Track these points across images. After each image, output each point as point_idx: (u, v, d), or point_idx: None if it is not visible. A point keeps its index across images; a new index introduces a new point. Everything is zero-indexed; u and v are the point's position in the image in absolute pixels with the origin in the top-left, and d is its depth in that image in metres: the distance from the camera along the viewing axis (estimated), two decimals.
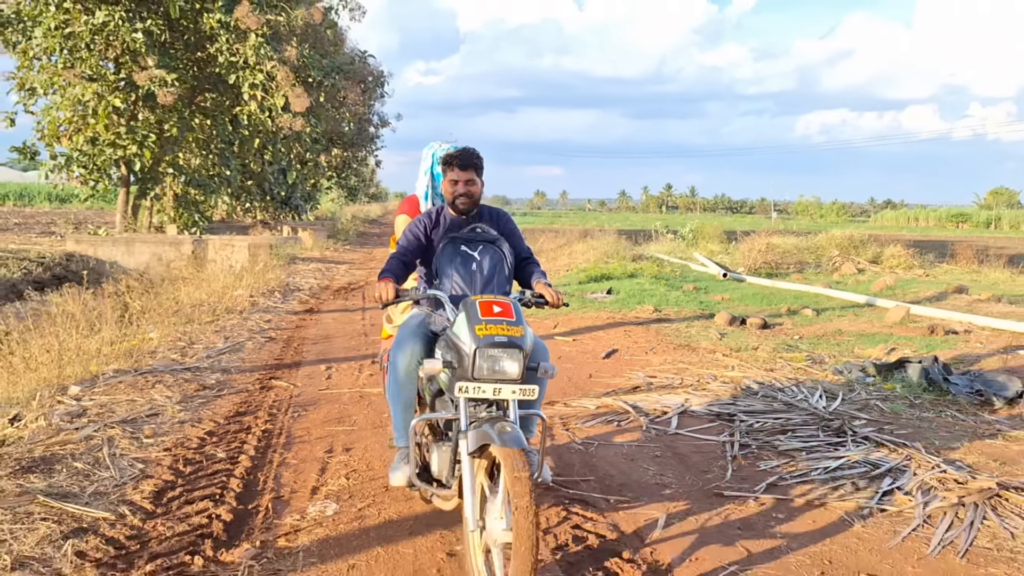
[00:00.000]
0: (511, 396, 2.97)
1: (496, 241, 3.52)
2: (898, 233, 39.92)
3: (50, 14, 20.00)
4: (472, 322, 2.98)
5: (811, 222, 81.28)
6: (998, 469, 4.48)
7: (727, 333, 8.84)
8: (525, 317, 3.14)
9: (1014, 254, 22.23)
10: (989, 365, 7.26)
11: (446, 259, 3.45)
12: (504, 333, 2.95)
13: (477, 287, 3.39)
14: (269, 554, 3.39)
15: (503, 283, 3.47)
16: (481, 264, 3.44)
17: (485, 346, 2.92)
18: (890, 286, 13.43)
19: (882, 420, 5.46)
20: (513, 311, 3.05)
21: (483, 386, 2.95)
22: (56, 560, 3.24)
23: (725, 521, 3.81)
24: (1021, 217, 76.40)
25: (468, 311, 3.05)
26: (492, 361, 2.95)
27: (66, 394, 5.73)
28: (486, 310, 3.02)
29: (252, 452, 4.71)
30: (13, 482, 3.95)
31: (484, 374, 2.95)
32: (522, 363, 2.95)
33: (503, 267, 3.48)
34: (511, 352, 2.94)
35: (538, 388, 3.03)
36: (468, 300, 3.11)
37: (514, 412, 3.01)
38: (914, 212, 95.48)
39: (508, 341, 2.94)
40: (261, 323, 9.43)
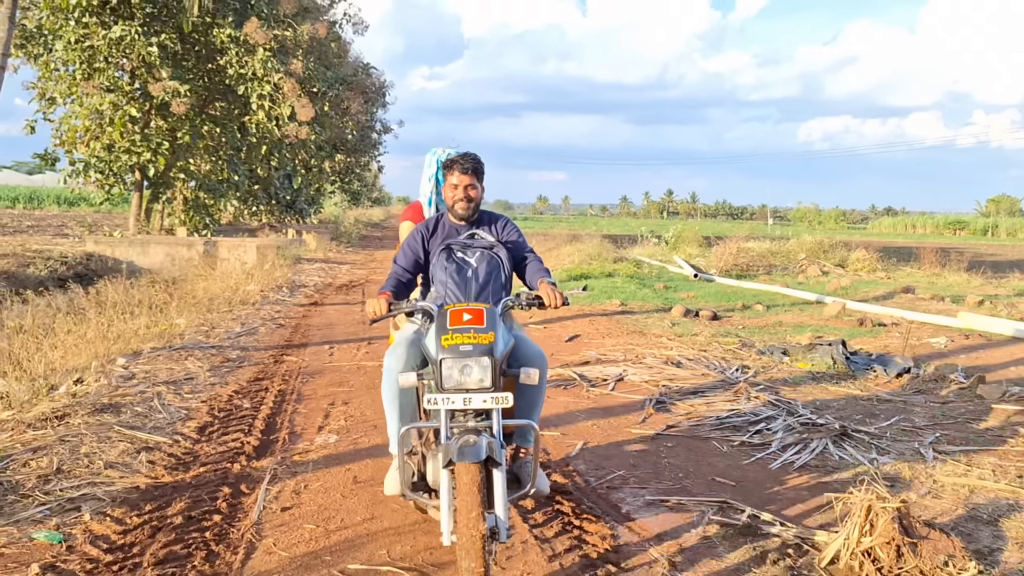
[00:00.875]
0: (483, 405, 2.92)
1: (493, 247, 3.51)
2: (890, 240, 41.21)
3: (70, 28, 21.28)
4: (439, 332, 2.99)
5: (809, 229, 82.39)
6: (852, 418, 5.72)
7: (679, 323, 10.10)
8: (521, 320, 3.14)
9: (979, 259, 23.47)
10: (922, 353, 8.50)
11: (440, 267, 3.45)
12: (470, 341, 2.93)
13: (471, 295, 3.39)
14: (288, 463, 4.64)
15: (499, 289, 3.45)
16: (477, 271, 3.43)
17: (449, 356, 2.92)
18: (844, 286, 14.67)
19: (781, 385, 6.70)
20: (485, 318, 3.02)
21: (452, 397, 2.91)
22: (134, 465, 4.50)
23: (625, 444, 5.06)
24: (1018, 225, 77.38)
25: (437, 321, 3.05)
26: (459, 371, 2.93)
27: (115, 364, 6.99)
28: (455, 319, 3.01)
29: (271, 404, 5.97)
30: (92, 418, 5.21)
31: (453, 384, 2.93)
32: (492, 370, 2.92)
33: (499, 273, 3.47)
34: (478, 360, 2.91)
35: (511, 395, 2.96)
36: (440, 310, 3.10)
37: (496, 422, 2.94)
38: (911, 219, 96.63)
39: (473, 349, 2.91)
40: (272, 313, 10.71)
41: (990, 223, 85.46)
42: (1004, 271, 19.54)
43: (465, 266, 3.44)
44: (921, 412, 5.98)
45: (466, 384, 2.93)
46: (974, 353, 8.56)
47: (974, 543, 3.59)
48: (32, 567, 3.22)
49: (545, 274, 3.55)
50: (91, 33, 21.17)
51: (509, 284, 3.55)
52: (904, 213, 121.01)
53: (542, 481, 3.43)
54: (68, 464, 4.39)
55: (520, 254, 3.67)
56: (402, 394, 3.33)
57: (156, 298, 10.66)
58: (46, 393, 5.72)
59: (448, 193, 3.62)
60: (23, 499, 3.90)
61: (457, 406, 2.92)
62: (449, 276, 3.42)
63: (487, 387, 2.92)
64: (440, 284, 3.44)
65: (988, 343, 9.23)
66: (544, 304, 3.32)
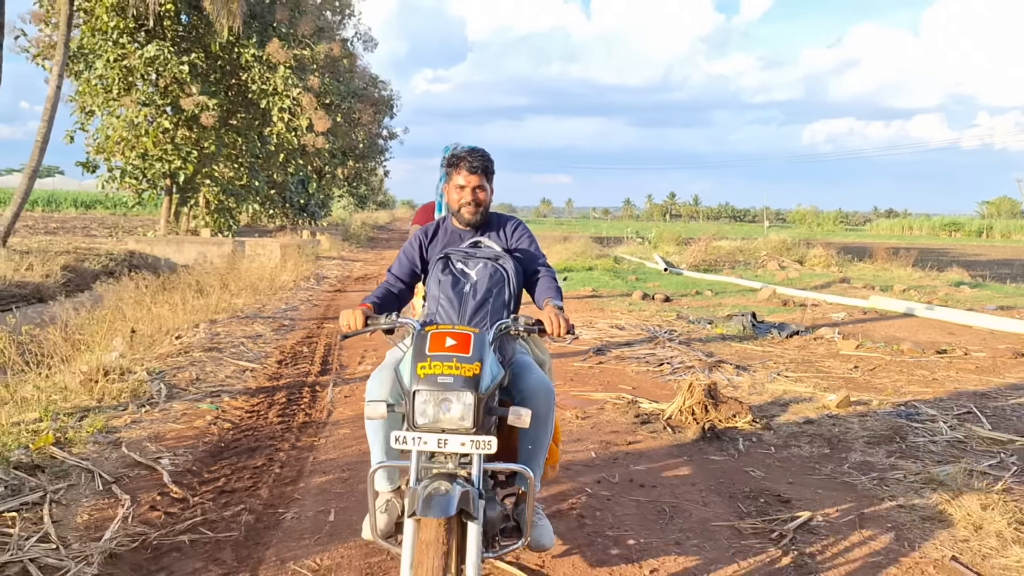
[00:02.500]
0: (460, 449, 2.51)
1: (498, 258, 3.04)
2: (883, 241, 43.39)
3: (109, 48, 23.72)
4: (416, 359, 2.58)
5: (808, 230, 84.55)
6: (735, 359, 8.07)
7: (635, 304, 12.48)
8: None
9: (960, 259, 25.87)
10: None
11: (434, 279, 3.04)
12: (450, 372, 2.52)
13: (467, 312, 2.95)
14: (342, 378, 7.03)
15: (500, 308, 2.98)
16: (476, 285, 2.98)
17: (424, 387, 2.52)
18: (792, 278, 17.03)
19: (697, 342, 9.06)
20: (472, 344, 2.60)
21: (425, 437, 2.51)
22: (243, 378, 6.89)
23: (568, 370, 7.42)
24: (1013, 227, 79.30)
25: (416, 344, 2.65)
26: (435, 405, 2.52)
27: (199, 328, 9.37)
28: (436, 344, 2.60)
29: (321, 351, 8.36)
30: (205, 354, 7.61)
31: (427, 421, 2.53)
32: (475, 408, 2.50)
33: (503, 289, 3.00)
34: (459, 395, 2.50)
35: (494, 440, 2.52)
36: (420, 331, 2.70)
37: (477, 467, 2.55)
38: (908, 221, 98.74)
39: (454, 381, 2.50)
40: (306, 297, 13.12)
41: (985, 225, 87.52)
42: (975, 269, 21.81)
43: (463, 279, 3.00)
44: (788, 356, 8.34)
45: (443, 422, 2.51)
46: (863, 324, 10.90)
47: (764, 413, 5.95)
48: (207, 416, 5.61)
49: (555, 295, 3.09)
50: (128, 53, 23.61)
51: (514, 302, 3.05)
52: (907, 215, 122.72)
53: (543, 533, 2.99)
54: (202, 376, 6.79)
55: (532, 267, 3.20)
56: (387, 424, 2.88)
57: (212, 285, 13.03)
58: (165, 341, 8.12)
59: (453, 195, 3.21)
60: (184, 391, 6.29)
61: (430, 448, 2.51)
62: (442, 290, 2.98)
63: (467, 427, 2.50)
64: (432, 299, 3.02)
65: (881, 317, 11.58)
66: (545, 331, 2.84)
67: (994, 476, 4.53)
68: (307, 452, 4.94)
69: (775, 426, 5.63)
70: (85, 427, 5.06)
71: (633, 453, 5.01)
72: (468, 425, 2.50)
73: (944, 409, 6.15)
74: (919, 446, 5.16)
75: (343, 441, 5.16)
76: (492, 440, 2.51)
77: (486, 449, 2.50)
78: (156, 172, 24.93)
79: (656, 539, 3.69)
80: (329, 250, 26.41)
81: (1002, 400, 6.55)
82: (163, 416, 5.58)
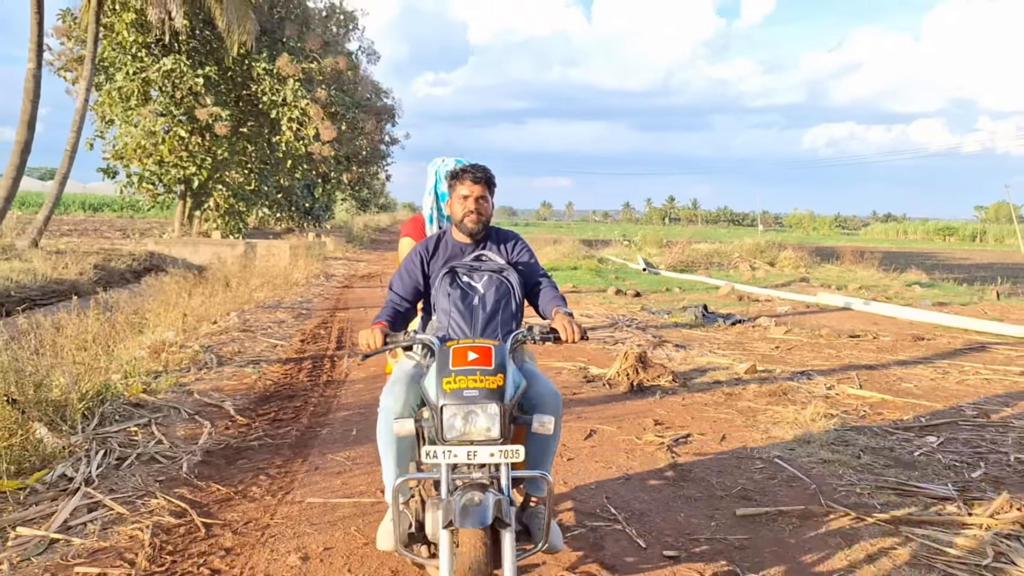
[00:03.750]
0: (489, 460, 2.60)
1: (503, 271, 3.13)
2: (875, 245, 44.96)
3: (128, 62, 25.37)
4: (440, 374, 2.67)
5: (803, 234, 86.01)
6: (679, 340, 9.71)
7: (609, 298, 14.14)
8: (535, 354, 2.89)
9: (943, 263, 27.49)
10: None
11: (443, 293, 3.08)
12: (476, 385, 2.60)
13: (478, 325, 3.01)
14: (354, 352, 8.69)
15: (508, 319, 3.06)
16: (484, 298, 3.05)
17: (452, 402, 2.60)
18: (758, 277, 18.69)
19: (653, 328, 10.71)
20: (494, 357, 2.69)
21: (455, 450, 2.59)
22: (275, 351, 8.56)
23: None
24: (1007, 231, 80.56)
25: (439, 360, 2.72)
26: (463, 419, 2.61)
27: (231, 316, 11.03)
28: (459, 358, 2.68)
29: (336, 333, 10.03)
30: (241, 333, 9.28)
31: (456, 434, 2.62)
32: (501, 419, 2.60)
33: (510, 300, 3.08)
34: (485, 407, 2.60)
35: (522, 448, 2.63)
36: (442, 347, 2.78)
37: (505, 476, 2.64)
38: (904, 226, 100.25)
39: (479, 394, 2.60)
40: (318, 291, 14.80)
41: (979, 229, 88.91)
42: (954, 273, 23.44)
43: (471, 292, 3.08)
44: (725, 339, 10.00)
45: (471, 435, 2.63)
46: (802, 316, 12.56)
47: (685, 376, 7.60)
48: (252, 376, 7.27)
49: (561, 302, 3.21)
50: (146, 66, 25.28)
51: (520, 313, 3.16)
52: (905, 219, 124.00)
53: (556, 536, 3.03)
54: (242, 349, 8.46)
55: (533, 278, 3.33)
56: (400, 437, 2.96)
57: (235, 281, 14.70)
58: (205, 325, 9.79)
59: (456, 206, 3.30)
60: (230, 360, 7.95)
61: (460, 460, 2.62)
62: (453, 304, 3.05)
63: (495, 438, 2.63)
64: (443, 313, 3.09)
65: (821, 311, 13.23)
66: (560, 339, 3.00)
67: (839, 416, 6.19)
68: (332, 398, 6.61)
69: (690, 385, 7.30)
70: (162, 382, 6.72)
71: (576, 400, 6.68)
72: (495, 435, 2.60)
73: (831, 375, 7.81)
74: (797, 399, 6.82)
75: (358, 392, 6.83)
76: (520, 449, 2.61)
77: (514, 458, 2.60)
78: (172, 178, 26.60)
79: (577, 447, 5.36)
80: (334, 251, 28.08)
81: (882, 370, 8.21)
82: (218, 376, 7.25)
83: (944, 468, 5.00)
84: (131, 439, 5.16)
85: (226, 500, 4.25)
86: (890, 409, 6.55)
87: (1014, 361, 8.86)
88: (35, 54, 17.83)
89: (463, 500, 2.52)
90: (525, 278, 3.26)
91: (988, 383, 7.68)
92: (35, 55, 17.83)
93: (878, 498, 4.42)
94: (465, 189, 3.27)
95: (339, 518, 4.03)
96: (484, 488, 2.59)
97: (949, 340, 10.19)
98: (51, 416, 5.09)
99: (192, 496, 4.26)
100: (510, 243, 3.41)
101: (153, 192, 27.82)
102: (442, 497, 2.62)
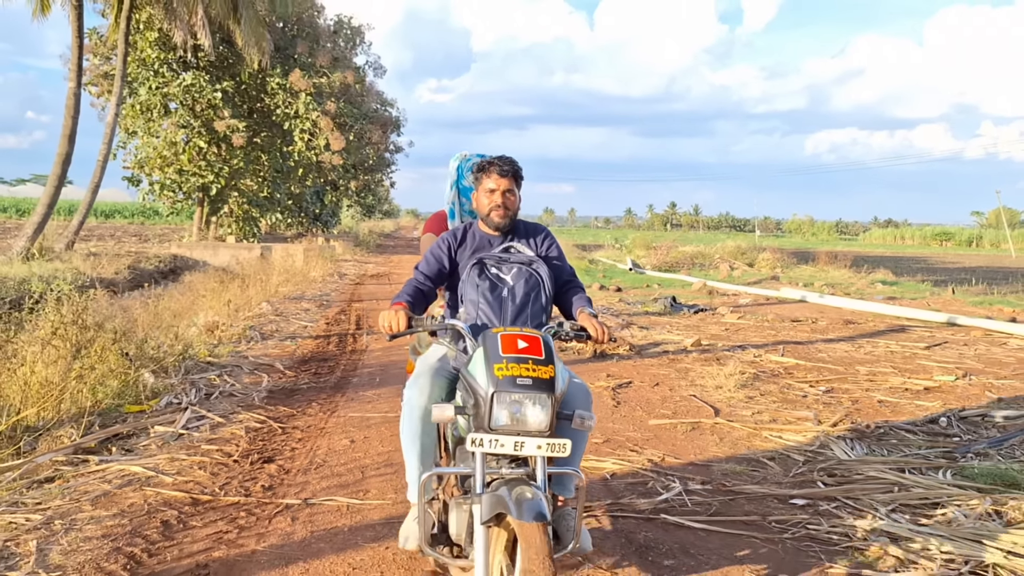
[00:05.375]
0: (536, 452, 2.50)
1: (532, 263, 3.05)
2: (870, 250, 46.73)
3: (150, 77, 27.18)
4: (491, 360, 2.56)
5: (802, 239, 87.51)
6: (646, 324, 11.45)
7: (592, 292, 15.89)
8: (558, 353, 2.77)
9: (929, 267, 29.19)
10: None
11: (471, 284, 3.00)
12: (529, 374, 2.51)
13: (507, 317, 2.94)
14: (371, 332, 10.46)
15: (538, 312, 2.98)
16: (513, 290, 2.97)
17: (504, 389, 2.50)
18: (734, 276, 20.43)
19: (626, 316, 12.46)
20: (543, 347, 2.60)
21: (502, 439, 2.49)
22: (306, 330, 10.34)
23: None
24: (1003, 237, 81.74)
25: (487, 346, 2.62)
26: (513, 408, 2.52)
27: (263, 305, 12.80)
28: (508, 345, 2.59)
29: (355, 319, 11.81)
30: (276, 316, 11.07)
31: (503, 424, 2.52)
32: (551, 411, 2.51)
33: (539, 294, 3.00)
34: (537, 397, 2.51)
35: (570, 443, 2.53)
36: (488, 332, 2.68)
37: (541, 471, 2.55)
38: (901, 231, 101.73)
39: (533, 384, 2.51)
40: (334, 287, 16.60)
41: (975, 234, 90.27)
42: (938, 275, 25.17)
43: (500, 284, 2.99)
44: (684, 323, 11.74)
45: (521, 426, 2.52)
46: (760, 307, 14.30)
47: (641, 348, 9.34)
48: (291, 347, 9.05)
49: (588, 304, 3.14)
50: (168, 81, 27.10)
51: (550, 306, 3.07)
52: (907, 225, 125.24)
53: (585, 538, 2.90)
54: (278, 328, 10.24)
55: (562, 276, 3.25)
56: (424, 432, 2.95)
57: (261, 278, 16.49)
58: (242, 312, 11.58)
59: (483, 199, 3.23)
60: (271, 336, 9.72)
61: (507, 451, 2.50)
62: (481, 295, 2.96)
63: (543, 430, 2.51)
64: (471, 304, 2.99)
65: (779, 303, 14.98)
66: (591, 337, 2.95)
67: (754, 373, 7.94)
68: (357, 361, 8.39)
69: (643, 353, 9.06)
70: (221, 350, 8.48)
71: None
72: (544, 428, 2.51)
73: (763, 348, 9.56)
74: (728, 364, 8.56)
75: (378, 357, 8.61)
76: (567, 443, 2.51)
77: (560, 452, 2.51)
78: (191, 186, 28.41)
79: None
80: (343, 254, 29.87)
81: (808, 345, 9.95)
82: (264, 347, 9.02)
83: (816, 403, 6.76)
84: (211, 384, 6.93)
85: (291, 416, 6.03)
86: (800, 371, 8.29)
87: (924, 339, 10.60)
88: (75, 74, 19.63)
89: (515, 494, 2.43)
90: (555, 274, 3.16)
91: (891, 353, 9.42)
92: (75, 75, 19.63)
93: (758, 418, 6.18)
94: (492, 182, 3.20)
95: (371, 423, 5.82)
96: (526, 483, 2.53)
97: (876, 324, 11.93)
98: (152, 367, 6.87)
99: (266, 414, 6.03)
100: (539, 236, 3.35)
101: (173, 199, 29.70)
102: (477, 490, 2.55)
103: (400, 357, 8.49)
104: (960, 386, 7.58)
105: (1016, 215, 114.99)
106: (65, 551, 3.53)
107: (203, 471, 4.68)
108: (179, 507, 4.11)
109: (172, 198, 29.66)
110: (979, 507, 4.12)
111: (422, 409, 2.95)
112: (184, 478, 4.54)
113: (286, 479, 4.60)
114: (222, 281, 14.13)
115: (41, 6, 20.08)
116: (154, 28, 25.93)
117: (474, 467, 2.58)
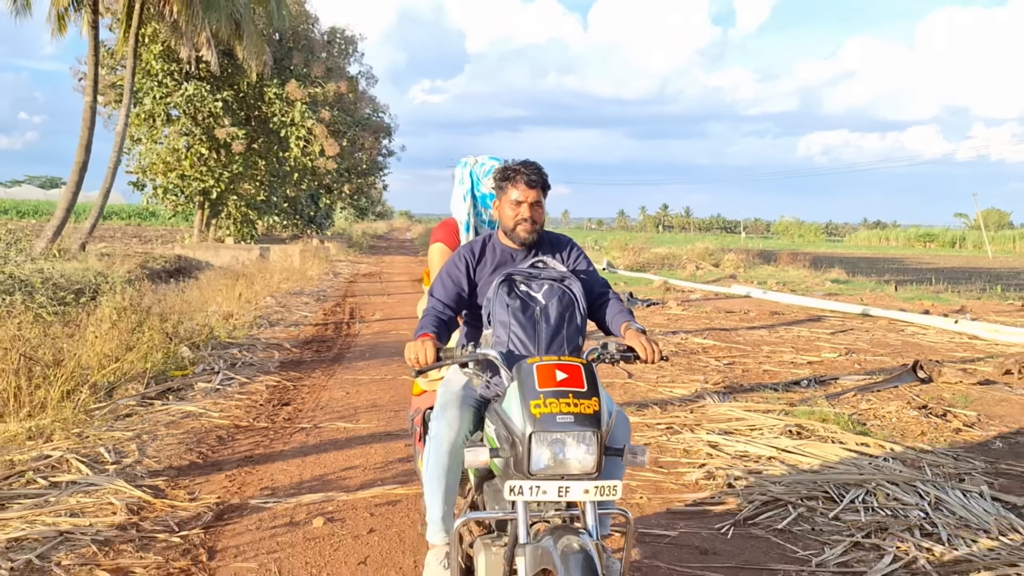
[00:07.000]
0: (584, 497, 2.29)
1: (564, 279, 2.79)
2: (856, 251, 48.70)
3: (155, 88, 28.85)
4: (527, 396, 2.33)
5: (789, 241, 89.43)
6: None
7: None
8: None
9: (903, 268, 31.09)
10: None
11: (500, 303, 2.71)
12: (570, 410, 2.28)
13: (542, 340, 2.68)
14: (364, 321, 12.27)
15: (574, 335, 2.74)
16: (546, 309, 2.70)
17: (543, 429, 2.27)
18: (695, 275, 22.28)
19: None
20: (584, 378, 2.37)
21: (544, 485, 2.27)
22: (308, 318, 12.15)
23: None
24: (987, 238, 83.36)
25: (521, 380, 2.39)
26: (555, 448, 2.28)
27: (267, 299, 14.57)
28: (545, 378, 2.35)
29: (348, 310, 13.61)
30: (280, 306, 12.86)
31: (544, 467, 2.29)
32: (598, 450, 2.28)
33: (574, 313, 2.75)
34: (581, 435, 2.28)
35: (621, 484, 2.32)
36: (523, 364, 2.44)
37: (592, 516, 2.35)
38: (887, 233, 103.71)
39: (575, 420, 2.28)
40: (329, 284, 18.40)
41: (958, 236, 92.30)
42: (905, 276, 27.08)
43: (531, 303, 2.71)
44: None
45: (563, 468, 2.29)
46: (707, 301, 16.12)
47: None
48: (295, 331, 10.85)
49: (630, 317, 2.90)
50: (171, 91, 28.79)
51: (585, 327, 2.82)
52: (896, 226, 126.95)
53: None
54: (283, 317, 12.03)
55: (595, 290, 2.98)
56: (450, 470, 2.74)
57: (263, 276, 18.27)
58: (251, 305, 13.36)
59: (507, 211, 2.92)
60: (278, 323, 11.50)
61: (550, 498, 2.29)
62: (512, 316, 2.68)
63: (589, 471, 2.28)
64: (501, 326, 2.70)
65: (727, 297, 16.81)
66: (639, 358, 2.70)
67: (677, 352, 9.75)
68: (351, 342, 10.20)
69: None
70: (238, 333, 10.26)
71: None
72: (590, 468, 2.28)
73: (692, 333, 11.38)
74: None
75: (368, 340, 10.42)
76: (619, 485, 2.30)
77: (610, 496, 2.29)
78: (192, 190, 30.11)
79: None
80: (337, 255, 31.62)
81: (732, 331, 11.78)
82: (272, 332, 10.81)
83: (714, 372, 8.59)
84: (234, 357, 8.72)
85: (299, 378, 7.84)
86: (715, 350, 10.11)
87: (834, 327, 12.44)
88: (92, 89, 21.34)
89: (560, 546, 2.20)
90: (586, 288, 2.89)
91: (798, 337, 11.27)
92: (91, 90, 21.34)
93: (661, 380, 8.00)
94: (519, 193, 2.90)
95: (361, 382, 7.65)
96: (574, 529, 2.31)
97: (797, 315, 13.79)
98: (187, 343, 8.65)
99: (281, 377, 7.83)
100: (566, 249, 3.06)
101: (175, 202, 31.41)
102: (521, 539, 2.33)
103: (388, 339, 10.31)
104: (839, 361, 9.41)
105: (1005, 216, 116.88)
106: (156, 450, 5.33)
107: (239, 410, 6.49)
108: (226, 429, 5.91)
109: (175, 202, 31.35)
110: (780, 427, 5.96)
111: (451, 444, 2.76)
112: (226, 414, 6.34)
113: (300, 414, 6.42)
114: (229, 279, 15.89)
115: (59, 26, 21.78)
116: (158, 41, 27.62)
117: (512, 513, 2.39)
